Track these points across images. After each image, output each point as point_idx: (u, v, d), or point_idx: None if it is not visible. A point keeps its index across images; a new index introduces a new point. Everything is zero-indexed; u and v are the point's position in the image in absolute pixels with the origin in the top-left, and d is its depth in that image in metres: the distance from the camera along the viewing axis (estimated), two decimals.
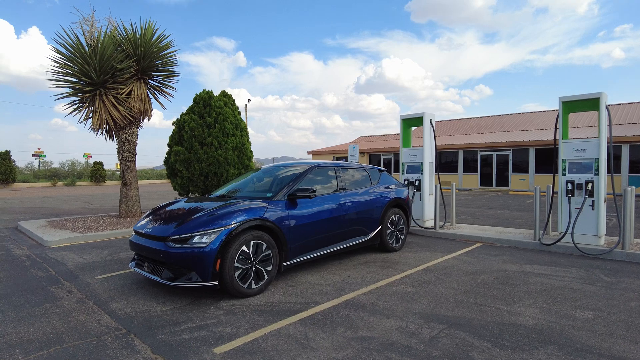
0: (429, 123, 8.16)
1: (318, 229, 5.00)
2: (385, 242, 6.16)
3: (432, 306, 3.94)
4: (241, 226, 4.14)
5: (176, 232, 4.09)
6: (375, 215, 5.96)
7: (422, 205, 8.14)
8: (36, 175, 38.98)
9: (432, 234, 7.90)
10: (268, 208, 4.49)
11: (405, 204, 6.67)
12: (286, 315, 3.73)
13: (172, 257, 4.02)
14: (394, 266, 5.50)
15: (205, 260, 3.93)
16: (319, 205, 5.09)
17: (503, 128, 28.82)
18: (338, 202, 5.37)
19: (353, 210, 5.54)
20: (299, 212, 4.78)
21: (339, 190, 5.59)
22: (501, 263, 5.69)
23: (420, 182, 8.21)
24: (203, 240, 3.98)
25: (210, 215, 4.21)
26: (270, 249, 4.40)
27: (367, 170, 6.39)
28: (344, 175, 5.83)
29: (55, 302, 4.23)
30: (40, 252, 6.79)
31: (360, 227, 5.73)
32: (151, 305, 4.09)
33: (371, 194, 6.02)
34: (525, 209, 12.94)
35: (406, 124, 8.64)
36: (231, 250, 4.04)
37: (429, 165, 8.19)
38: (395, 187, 6.64)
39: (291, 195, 4.77)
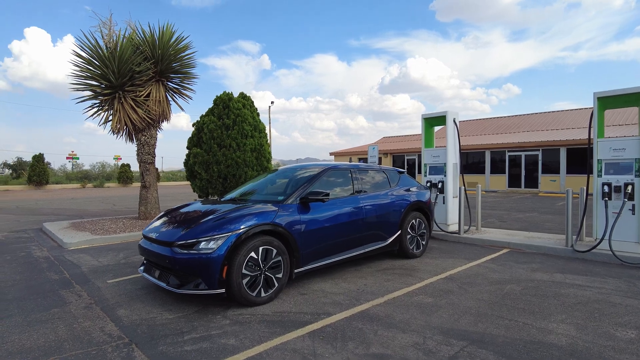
0: (452, 122, 7.79)
1: (332, 234, 4.76)
2: (405, 248, 5.85)
3: (453, 320, 3.64)
4: (249, 231, 3.95)
5: (182, 237, 3.93)
6: (394, 219, 5.67)
7: (445, 208, 7.77)
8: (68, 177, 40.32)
9: (456, 239, 7.52)
10: (279, 212, 4.28)
11: (427, 207, 6.34)
12: (295, 327, 3.51)
13: (178, 263, 3.86)
14: (414, 274, 5.20)
15: (211, 267, 3.76)
16: (334, 209, 4.85)
17: (532, 127, 27.78)
18: (354, 206, 5.11)
19: (370, 214, 5.28)
20: (311, 216, 4.56)
21: (356, 193, 5.33)
22: (530, 271, 5.29)
23: (443, 184, 7.84)
24: (209, 246, 3.81)
25: (217, 220, 4.04)
26: (281, 255, 4.19)
27: (386, 172, 6.10)
28: (361, 177, 5.57)
29: (63, 307, 4.15)
30: (58, 254, 6.82)
31: (378, 231, 5.45)
32: (157, 312, 3.95)
33: (390, 197, 5.73)
34: (556, 212, 12.29)
35: (428, 123, 8.28)
36: (239, 256, 3.85)
37: (452, 167, 7.82)
38: (416, 189, 6.32)
39: (303, 199, 4.55)
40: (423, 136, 8.26)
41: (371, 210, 5.31)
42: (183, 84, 10.01)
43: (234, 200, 5.10)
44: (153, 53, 9.13)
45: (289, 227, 4.28)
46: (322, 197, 4.51)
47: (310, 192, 4.59)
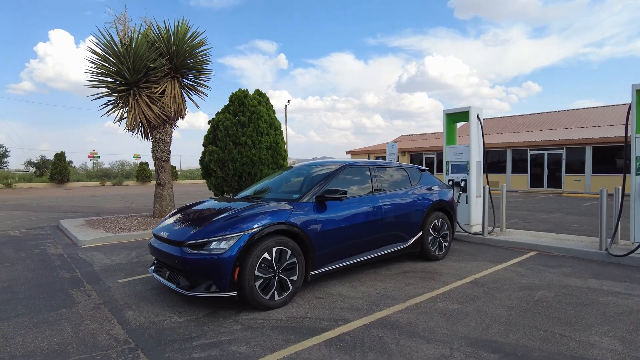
0: (476, 118, 7.44)
1: (350, 234, 4.51)
2: (426, 250, 5.56)
3: (481, 329, 3.35)
4: (263, 231, 3.74)
5: (192, 237, 3.74)
6: (415, 219, 5.39)
7: (468, 208, 7.43)
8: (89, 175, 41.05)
9: (480, 240, 7.18)
10: (294, 211, 4.06)
11: (450, 207, 6.03)
12: (310, 334, 3.27)
13: (187, 263, 3.68)
14: (437, 277, 4.91)
15: (222, 268, 3.55)
16: (352, 208, 4.60)
17: (554, 125, 26.92)
18: (373, 205, 4.85)
19: (390, 213, 5.00)
20: (328, 215, 4.32)
21: (375, 191, 5.07)
22: (561, 276, 4.94)
23: (466, 182, 7.50)
24: (221, 246, 3.61)
25: (229, 219, 3.83)
26: (296, 257, 3.96)
27: (407, 169, 5.81)
28: (380, 175, 5.30)
29: (71, 308, 4.02)
30: (72, 252, 6.75)
31: (399, 232, 5.17)
32: (167, 315, 3.77)
33: (411, 196, 5.45)
34: (583, 213, 11.76)
35: (450, 119, 7.94)
36: (251, 257, 3.64)
37: (476, 164, 7.47)
38: (438, 188, 6.02)
39: (319, 197, 4.31)
40: (445, 133, 7.92)
41: (391, 210, 5.04)
42: (198, 80, 9.89)
43: (247, 198, 4.90)
44: (168, 49, 9.02)
45: (304, 226, 4.05)
46: (340, 195, 4.26)
47: (326, 190, 4.35)
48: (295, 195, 4.47)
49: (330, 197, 4.27)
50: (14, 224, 10.47)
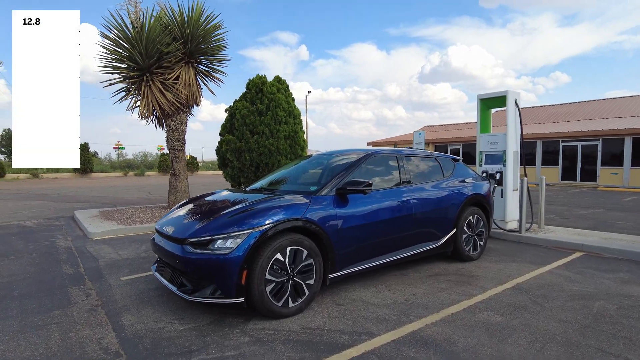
0: (513, 103, 6.73)
1: (374, 232, 3.98)
2: (460, 249, 4.97)
3: (534, 350, 2.78)
4: (275, 228, 3.24)
5: (194, 234, 3.28)
6: (448, 215, 4.80)
7: (503, 202, 6.77)
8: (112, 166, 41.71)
9: (516, 238, 6.52)
10: (310, 205, 3.54)
11: (487, 201, 5.40)
12: (329, 351, 2.77)
13: (189, 264, 3.22)
14: (473, 282, 4.32)
15: (227, 271, 3.08)
16: (377, 202, 4.06)
17: (588, 116, 25.47)
18: (401, 199, 4.29)
19: (420, 209, 4.43)
20: (350, 210, 3.79)
21: (403, 183, 4.50)
22: (620, 283, 4.28)
23: (501, 174, 6.82)
24: (227, 245, 3.13)
25: (236, 214, 3.35)
26: (313, 258, 3.46)
27: (439, 159, 5.20)
28: (409, 165, 4.71)
29: (66, 309, 3.64)
30: (81, 245, 6.45)
31: (429, 230, 4.60)
32: (167, 321, 3.34)
33: (443, 189, 4.85)
34: (626, 209, 10.85)
35: (485, 105, 7.25)
36: (261, 258, 3.15)
37: (513, 155, 6.78)
38: (472, 180, 5.39)
39: (340, 190, 3.78)
40: (478, 120, 7.24)
41: (421, 204, 4.46)
42: (213, 65, 9.44)
43: (259, 190, 4.41)
44: (182, 32, 8.59)
45: (322, 223, 3.53)
46: (363, 188, 3.72)
47: (348, 182, 3.81)
48: (313, 188, 3.95)
49: (353, 190, 3.73)
50: (30, 214, 10.35)
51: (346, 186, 3.77)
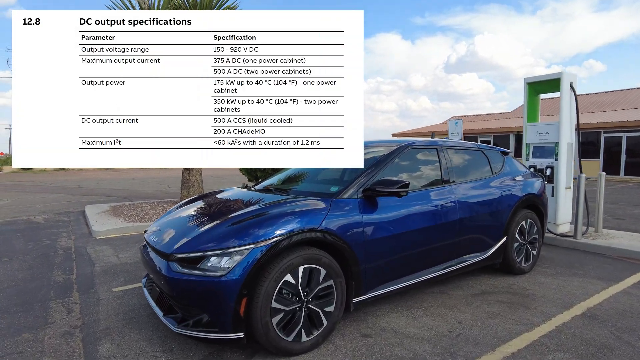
0: (569, 87, 5.77)
1: (410, 243, 3.21)
2: (510, 261, 4.14)
3: None
4: (283, 242, 2.52)
5: (182, 248, 2.59)
6: (498, 220, 3.97)
7: (554, 202, 5.85)
8: None
9: (571, 245, 5.60)
10: (330, 211, 2.80)
11: (541, 202, 4.53)
12: None
13: (175, 286, 2.54)
14: (530, 304, 3.50)
15: (222, 298, 2.39)
16: (413, 206, 3.28)
17: (634, 104, 23.64)
18: (443, 202, 3.50)
19: (466, 213, 3.63)
20: (380, 217, 3.03)
21: (444, 182, 3.69)
22: None
23: (553, 170, 5.89)
24: (222, 264, 2.43)
25: (235, 223, 2.64)
26: (333, 278, 2.73)
27: (486, 152, 4.34)
28: (452, 159, 3.88)
29: (38, 332, 3.04)
30: (82, 245, 5.94)
31: (476, 239, 3.80)
32: (151, 353, 2.69)
33: (492, 189, 4.02)
34: None
35: (533, 90, 6.29)
36: (266, 281, 2.45)
37: (567, 147, 5.83)
38: (522, 178, 4.52)
39: (368, 192, 3.03)
40: (526, 107, 6.29)
41: (467, 208, 3.66)
42: None
43: (269, 189, 3.68)
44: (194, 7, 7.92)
45: (345, 234, 2.79)
46: (398, 189, 2.94)
47: (378, 182, 3.04)
48: (333, 188, 3.19)
49: (384, 192, 2.96)
50: (43, 208, 10.03)
51: (376, 187, 3.00)
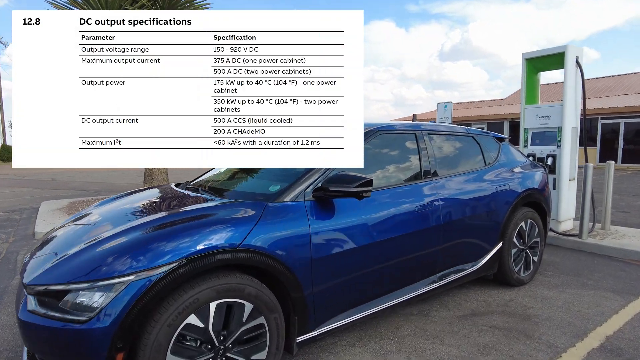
0: (574, 63, 4.99)
1: (378, 258, 2.45)
2: (507, 271, 3.40)
3: None
4: (180, 270, 1.74)
5: (40, 279, 1.81)
6: (492, 223, 3.22)
7: (557, 196, 5.11)
8: None
9: (575, 245, 4.88)
10: (261, 221, 2.02)
11: (544, 199, 3.78)
12: None
13: (28, 331, 1.76)
14: (533, 331, 2.76)
15: (88, 352, 1.62)
16: (382, 208, 2.51)
17: (632, 90, 22.94)
18: (422, 202, 2.73)
19: (452, 216, 2.87)
20: (336, 225, 2.27)
21: (425, 177, 2.91)
22: None
23: (554, 159, 5.14)
24: (91, 303, 1.66)
25: (114, 244, 1.85)
26: (264, 314, 1.97)
27: (477, 138, 3.55)
28: (435, 148, 3.10)
29: None
30: (16, 249, 5.16)
31: (465, 247, 3.05)
32: None
33: (486, 184, 3.25)
34: None
35: (532, 67, 5.49)
36: (156, 328, 1.68)
37: (571, 133, 5.08)
38: (521, 169, 3.76)
39: (320, 191, 2.25)
40: (524, 87, 5.50)
41: (456, 208, 2.90)
42: None
43: (195, 189, 2.87)
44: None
45: (282, 251, 2.02)
46: (356, 188, 2.16)
47: (333, 178, 2.26)
48: (273, 188, 2.41)
49: (339, 192, 2.18)
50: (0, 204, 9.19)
51: (329, 185, 2.22)
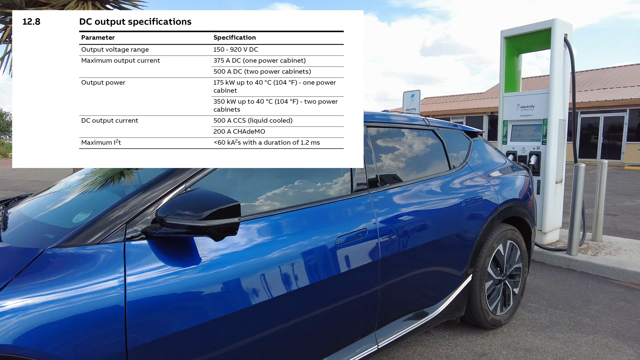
0: (562, 42, 4.14)
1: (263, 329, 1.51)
2: (479, 312, 2.51)
3: None
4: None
5: None
6: (458, 249, 2.32)
7: (541, 202, 4.28)
8: None
9: (564, 263, 4.05)
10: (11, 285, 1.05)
11: (527, 212, 2.90)
12: None
13: None
14: None
15: None
16: (275, 246, 1.58)
17: (612, 83, 22.65)
18: (346, 233, 1.80)
19: (396, 247, 1.95)
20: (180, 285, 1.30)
21: (358, 189, 1.99)
22: None
23: (539, 158, 4.30)
24: None
25: None
26: None
27: (439, 133, 2.60)
28: (376, 145, 2.16)
29: None
30: None
31: (417, 288, 2.14)
32: None
33: (449, 197, 2.34)
34: None
35: (512, 46, 4.61)
36: None
37: (558, 126, 4.25)
38: (499, 173, 2.88)
39: (155, 225, 1.30)
40: (503, 71, 4.60)
41: (402, 235, 1.98)
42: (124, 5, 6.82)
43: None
44: None
45: (57, 350, 1.05)
46: (200, 222, 1.21)
47: (174, 204, 1.31)
48: (79, 218, 1.44)
49: (187, 228, 1.23)
50: None
51: (165, 218, 1.26)
